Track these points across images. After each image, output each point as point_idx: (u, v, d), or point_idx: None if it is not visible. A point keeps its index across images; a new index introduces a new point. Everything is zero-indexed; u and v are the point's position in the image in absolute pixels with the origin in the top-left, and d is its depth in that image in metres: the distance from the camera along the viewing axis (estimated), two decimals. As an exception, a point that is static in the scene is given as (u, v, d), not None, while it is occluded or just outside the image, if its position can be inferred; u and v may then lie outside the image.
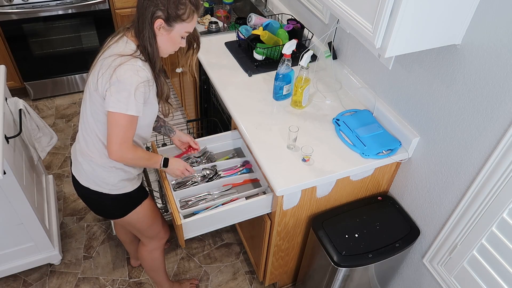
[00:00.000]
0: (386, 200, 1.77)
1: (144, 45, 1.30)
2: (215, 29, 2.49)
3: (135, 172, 1.54)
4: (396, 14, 1.10)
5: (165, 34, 1.31)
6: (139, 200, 1.59)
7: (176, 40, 1.35)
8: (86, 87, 1.40)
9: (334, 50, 1.99)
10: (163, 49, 1.36)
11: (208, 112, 2.52)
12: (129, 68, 1.26)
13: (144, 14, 1.27)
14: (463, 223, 1.43)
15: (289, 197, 1.56)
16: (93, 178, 1.46)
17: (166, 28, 1.30)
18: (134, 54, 1.30)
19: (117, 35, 1.39)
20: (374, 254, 1.56)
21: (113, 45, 1.34)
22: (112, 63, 1.27)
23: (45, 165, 2.76)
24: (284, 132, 1.69)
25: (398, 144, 1.64)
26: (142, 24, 1.28)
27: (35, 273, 2.18)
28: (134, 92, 1.26)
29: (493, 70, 1.22)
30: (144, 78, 1.29)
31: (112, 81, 1.26)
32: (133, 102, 1.27)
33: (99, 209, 1.62)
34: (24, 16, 2.82)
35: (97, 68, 1.32)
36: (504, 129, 1.22)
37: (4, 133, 1.67)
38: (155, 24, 1.28)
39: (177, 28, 1.31)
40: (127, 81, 1.25)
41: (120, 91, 1.26)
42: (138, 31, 1.30)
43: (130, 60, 1.27)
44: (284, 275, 2.07)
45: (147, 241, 1.76)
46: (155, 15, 1.26)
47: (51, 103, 3.33)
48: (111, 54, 1.30)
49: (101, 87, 1.29)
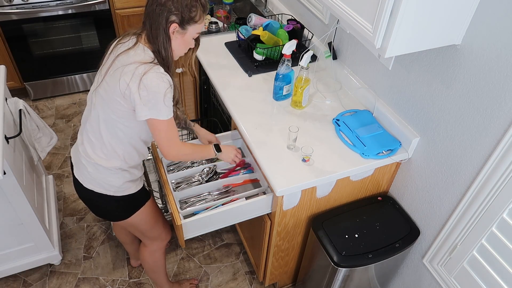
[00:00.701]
0: (386, 200, 1.77)
1: (159, 50, 1.33)
2: (215, 29, 2.49)
3: (138, 174, 1.55)
4: (396, 15, 1.10)
5: (179, 38, 1.34)
6: (142, 201, 1.60)
7: (188, 42, 1.39)
8: (96, 93, 1.40)
9: (334, 50, 1.99)
10: (176, 52, 1.39)
11: (208, 112, 2.52)
12: (155, 76, 1.28)
13: (158, 20, 1.28)
14: (463, 223, 1.44)
15: (289, 197, 1.56)
16: (98, 181, 1.46)
17: (180, 32, 1.33)
18: (154, 61, 1.32)
19: (126, 40, 1.38)
20: (374, 254, 1.56)
21: (131, 52, 1.33)
22: (136, 71, 1.28)
23: (45, 165, 2.76)
24: (284, 132, 1.69)
25: (398, 144, 1.64)
26: (156, 30, 1.30)
27: (35, 273, 2.18)
28: (163, 98, 1.30)
29: (493, 71, 1.22)
30: (168, 83, 1.32)
31: (141, 91, 1.28)
32: (163, 107, 1.31)
33: (102, 212, 1.62)
34: (24, 16, 2.82)
35: (117, 76, 1.32)
36: (504, 129, 1.22)
37: (4, 133, 1.67)
38: (170, 29, 1.30)
39: (190, 30, 1.34)
40: (155, 89, 1.28)
41: (151, 99, 1.29)
42: (152, 37, 1.32)
43: (153, 67, 1.29)
44: (284, 275, 2.08)
45: (149, 242, 1.76)
46: (169, 20, 1.28)
47: (51, 103, 3.33)
48: (132, 62, 1.30)
49: (130, 96, 1.30)
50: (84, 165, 1.46)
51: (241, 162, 1.80)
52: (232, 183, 1.73)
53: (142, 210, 1.60)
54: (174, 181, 1.72)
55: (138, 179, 1.56)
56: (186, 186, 1.70)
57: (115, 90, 1.32)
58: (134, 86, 1.28)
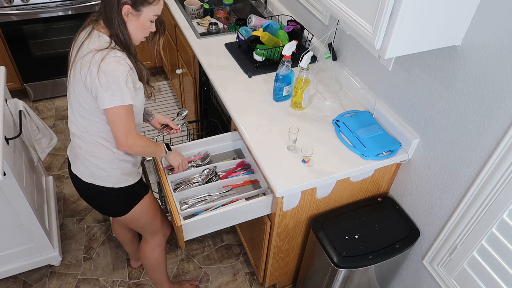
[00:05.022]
0: (386, 201, 1.77)
1: (116, 33, 1.31)
2: (215, 30, 2.49)
3: (136, 165, 1.56)
4: (396, 15, 1.10)
5: (134, 20, 1.32)
6: (141, 194, 1.61)
7: (145, 25, 1.35)
8: (69, 91, 1.40)
9: (334, 51, 2.00)
10: (134, 36, 1.36)
11: (208, 114, 2.52)
12: (112, 60, 1.27)
13: (110, 2, 1.27)
14: (463, 224, 1.43)
15: (289, 198, 1.56)
16: (97, 173, 1.47)
17: (134, 14, 1.30)
18: (110, 46, 1.30)
19: (85, 28, 1.38)
20: (374, 255, 1.55)
21: (86, 42, 1.33)
22: (92, 59, 1.27)
23: (45, 166, 2.76)
24: (284, 133, 1.69)
25: (398, 145, 1.64)
26: (110, 13, 1.28)
27: (35, 274, 2.18)
28: (124, 82, 1.28)
29: (493, 71, 1.22)
30: (128, 66, 1.30)
31: (100, 78, 1.26)
32: (126, 91, 1.29)
33: (102, 206, 1.63)
34: (24, 18, 2.82)
35: (78, 68, 1.32)
36: (504, 130, 1.22)
37: (4, 134, 1.67)
38: (122, 11, 1.28)
39: (145, 12, 1.31)
40: (114, 74, 1.27)
41: (111, 85, 1.27)
42: (107, 20, 1.30)
43: (110, 52, 1.28)
44: (284, 276, 2.07)
45: (150, 237, 1.77)
46: (121, 1, 1.26)
47: (51, 104, 3.33)
48: (88, 51, 1.30)
49: (90, 85, 1.29)
50: (81, 160, 1.47)
51: (241, 163, 1.80)
52: (232, 184, 1.73)
53: (142, 203, 1.61)
54: (173, 182, 1.72)
55: (135, 171, 1.57)
56: (186, 187, 1.70)
57: (79, 84, 1.32)
58: (93, 74, 1.27)
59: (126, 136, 1.36)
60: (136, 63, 1.37)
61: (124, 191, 1.53)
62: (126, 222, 1.69)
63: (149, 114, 1.75)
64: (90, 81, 1.28)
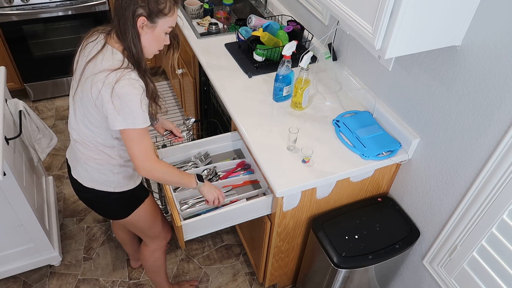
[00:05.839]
0: (386, 201, 1.77)
1: (129, 47, 1.27)
2: (215, 30, 2.49)
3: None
4: (396, 16, 1.10)
5: (149, 32, 1.28)
6: (142, 198, 1.60)
7: (160, 37, 1.32)
8: (74, 100, 1.38)
9: (334, 52, 2.00)
10: (148, 49, 1.32)
11: (208, 114, 2.52)
12: (126, 83, 1.23)
13: (125, 14, 1.23)
14: (463, 224, 1.43)
15: (289, 199, 1.56)
16: (97, 178, 1.46)
17: (149, 26, 1.26)
18: (123, 65, 1.27)
19: (92, 38, 1.34)
20: (374, 255, 1.55)
21: (100, 57, 1.29)
22: (106, 80, 1.23)
23: (45, 166, 2.76)
24: (284, 134, 1.69)
25: (398, 145, 1.64)
26: (124, 26, 1.24)
27: (35, 274, 2.18)
28: (139, 105, 1.26)
29: (493, 72, 1.22)
30: (141, 89, 1.27)
31: (114, 101, 1.23)
32: (139, 115, 1.27)
33: (102, 209, 1.62)
34: (24, 18, 2.82)
35: (88, 85, 1.28)
36: (504, 130, 1.22)
37: (4, 134, 1.67)
38: (138, 23, 1.24)
39: (160, 24, 1.28)
40: (128, 98, 1.24)
41: (124, 108, 1.24)
42: (121, 33, 1.26)
43: (124, 74, 1.24)
44: (284, 277, 2.07)
45: (150, 241, 1.77)
46: (136, 13, 1.22)
47: (51, 104, 3.33)
48: (102, 70, 1.25)
49: (101, 106, 1.27)
50: (82, 165, 1.46)
51: (241, 163, 1.80)
52: (232, 184, 1.73)
53: (142, 207, 1.60)
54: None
55: (135, 175, 1.56)
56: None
57: (88, 99, 1.29)
58: (106, 95, 1.23)
59: (142, 159, 1.32)
60: (144, 78, 1.32)
61: (124, 194, 1.53)
62: (125, 225, 1.69)
63: (153, 118, 1.71)
64: (102, 102, 1.25)
